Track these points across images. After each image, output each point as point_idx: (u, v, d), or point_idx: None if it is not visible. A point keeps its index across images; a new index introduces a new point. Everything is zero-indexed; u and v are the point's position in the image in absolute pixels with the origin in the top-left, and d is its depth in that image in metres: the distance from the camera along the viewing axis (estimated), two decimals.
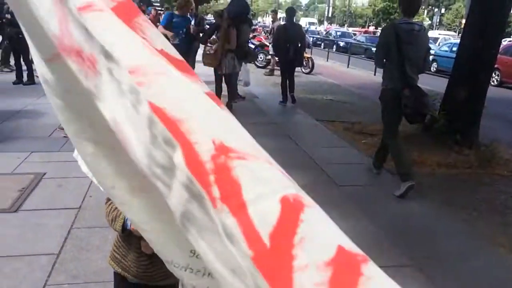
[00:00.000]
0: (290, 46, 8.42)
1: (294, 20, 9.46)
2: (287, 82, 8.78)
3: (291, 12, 9.23)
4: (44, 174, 4.31)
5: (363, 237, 3.44)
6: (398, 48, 4.33)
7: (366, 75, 15.63)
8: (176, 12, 7.17)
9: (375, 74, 15.54)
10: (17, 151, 4.88)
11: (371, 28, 49.75)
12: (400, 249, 3.31)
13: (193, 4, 7.65)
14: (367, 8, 68.86)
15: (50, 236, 3.18)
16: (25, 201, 3.70)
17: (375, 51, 5.24)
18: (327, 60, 19.73)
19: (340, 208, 3.97)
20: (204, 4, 52.03)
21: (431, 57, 19.93)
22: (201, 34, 8.38)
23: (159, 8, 30.92)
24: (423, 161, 5.57)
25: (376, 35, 41.47)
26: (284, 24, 9.18)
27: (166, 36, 6.87)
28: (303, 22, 67.33)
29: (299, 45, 8.65)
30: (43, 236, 3.18)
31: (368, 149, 6.04)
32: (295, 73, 8.90)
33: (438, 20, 59.83)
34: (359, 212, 3.94)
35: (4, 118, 6.31)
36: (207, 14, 60.79)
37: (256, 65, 14.33)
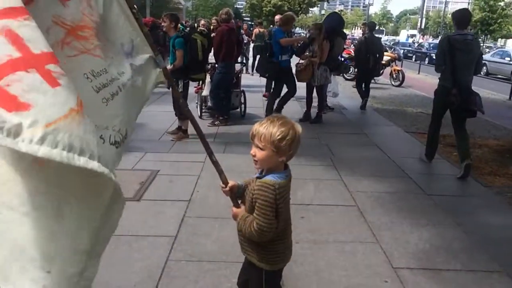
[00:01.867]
0: (370, 57, 9.35)
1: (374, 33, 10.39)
2: (363, 89, 9.74)
3: (371, 26, 10.19)
4: (158, 171, 4.95)
5: (451, 243, 3.58)
6: (451, 56, 5.25)
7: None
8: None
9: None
10: (134, 151, 5.61)
11: None
12: (490, 256, 3.37)
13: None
14: None
15: (167, 222, 3.72)
16: (145, 192, 4.33)
17: (435, 58, 6.22)
18: (419, 73, 19.25)
19: (428, 215, 4.10)
20: None
21: None
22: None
23: (250, 23, 32.66)
24: None
25: None
26: (364, 36, 9.88)
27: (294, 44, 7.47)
28: (404, 34, 65.44)
29: (378, 56, 9.67)
30: (162, 222, 3.73)
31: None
32: (384, 86, 8.99)
33: None
34: (448, 220, 4.03)
35: None
36: (295, 27, 61.64)
37: (344, 77, 14.48)
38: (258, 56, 15.42)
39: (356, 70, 14.29)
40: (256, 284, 2.00)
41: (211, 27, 9.70)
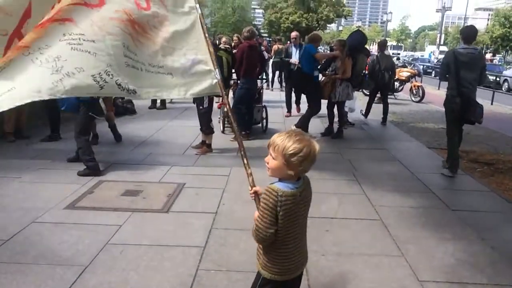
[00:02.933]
0: (384, 73, 9.69)
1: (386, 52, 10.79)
2: (382, 106, 9.98)
3: (383, 44, 10.69)
4: (184, 184, 5.07)
5: (477, 258, 3.60)
6: (456, 68, 5.63)
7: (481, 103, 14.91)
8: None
9: (492, 103, 14.82)
10: (161, 165, 5.77)
11: (488, 56, 46.32)
12: None
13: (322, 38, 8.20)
14: (483, 35, 64.63)
15: (196, 233, 3.83)
16: (173, 204, 4.46)
17: (440, 69, 6.79)
18: (439, 88, 19.16)
19: (453, 230, 4.12)
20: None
21: None
22: None
23: (268, 39, 33.16)
24: None
25: (493, 63, 38.63)
26: (377, 55, 10.29)
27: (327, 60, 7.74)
28: (429, 50, 65.40)
29: (390, 72, 10.02)
30: (190, 233, 3.83)
31: (483, 177, 6.00)
32: (405, 102, 8.99)
33: None
34: (473, 235, 4.04)
35: (146, 137, 7.39)
36: None
37: (364, 93, 14.52)
38: (277, 72, 15.72)
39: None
40: (252, 285, 2.12)
41: (232, 43, 9.91)
